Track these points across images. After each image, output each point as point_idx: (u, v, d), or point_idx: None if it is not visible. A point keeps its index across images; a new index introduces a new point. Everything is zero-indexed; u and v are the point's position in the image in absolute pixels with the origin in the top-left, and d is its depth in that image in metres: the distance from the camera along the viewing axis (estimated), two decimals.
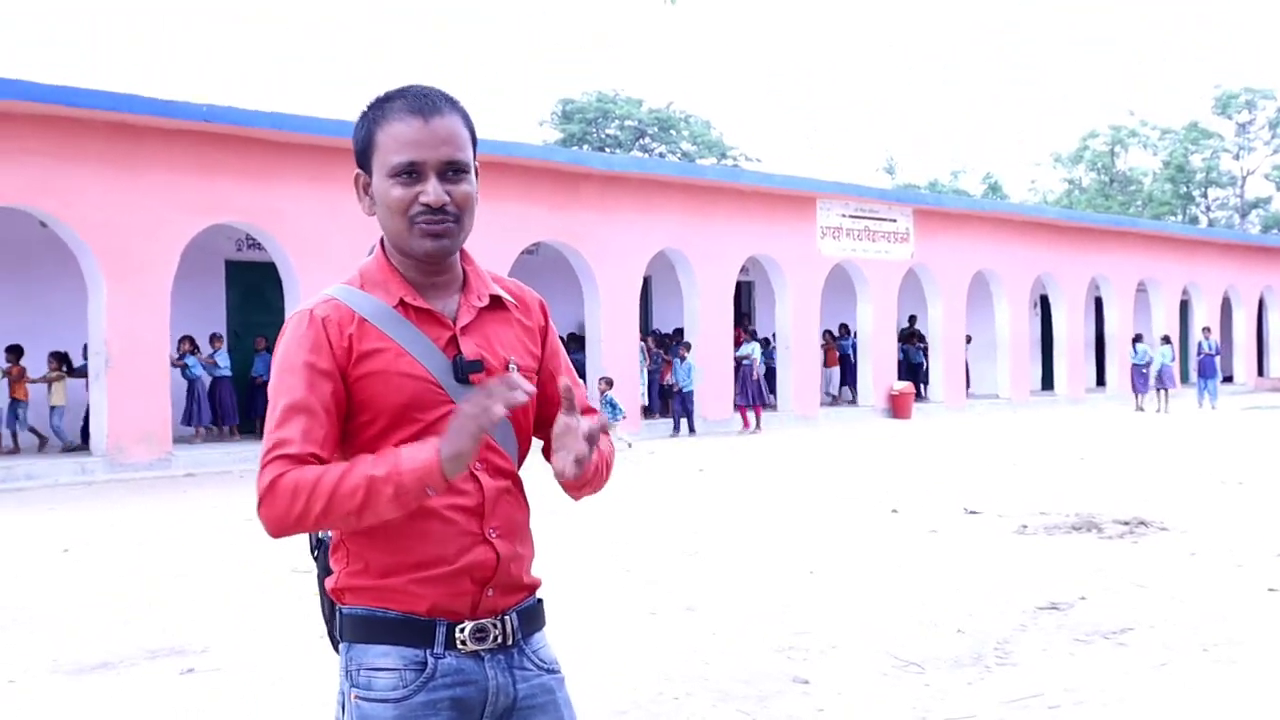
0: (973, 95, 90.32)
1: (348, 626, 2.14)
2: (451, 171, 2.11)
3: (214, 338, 18.29)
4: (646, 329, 23.11)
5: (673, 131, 54.96)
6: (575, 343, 21.44)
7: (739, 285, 23.91)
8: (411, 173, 2.10)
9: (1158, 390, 26.50)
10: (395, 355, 2.10)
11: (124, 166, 15.07)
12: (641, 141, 54.78)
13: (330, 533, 2.20)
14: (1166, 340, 27.51)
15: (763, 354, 22.49)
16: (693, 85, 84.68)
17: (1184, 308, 34.36)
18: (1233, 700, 5.14)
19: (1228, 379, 34.37)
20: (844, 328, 27.00)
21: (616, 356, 20.13)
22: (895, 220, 25.71)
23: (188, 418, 17.67)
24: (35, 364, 16.59)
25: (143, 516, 11.37)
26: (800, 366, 23.59)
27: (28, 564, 8.92)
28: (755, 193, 23.02)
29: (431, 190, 2.09)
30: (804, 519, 10.51)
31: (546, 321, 2.34)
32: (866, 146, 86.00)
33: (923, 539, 9.46)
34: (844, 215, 24.62)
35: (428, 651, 2.09)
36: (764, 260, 23.44)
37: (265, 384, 16.61)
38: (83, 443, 16.50)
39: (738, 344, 22.30)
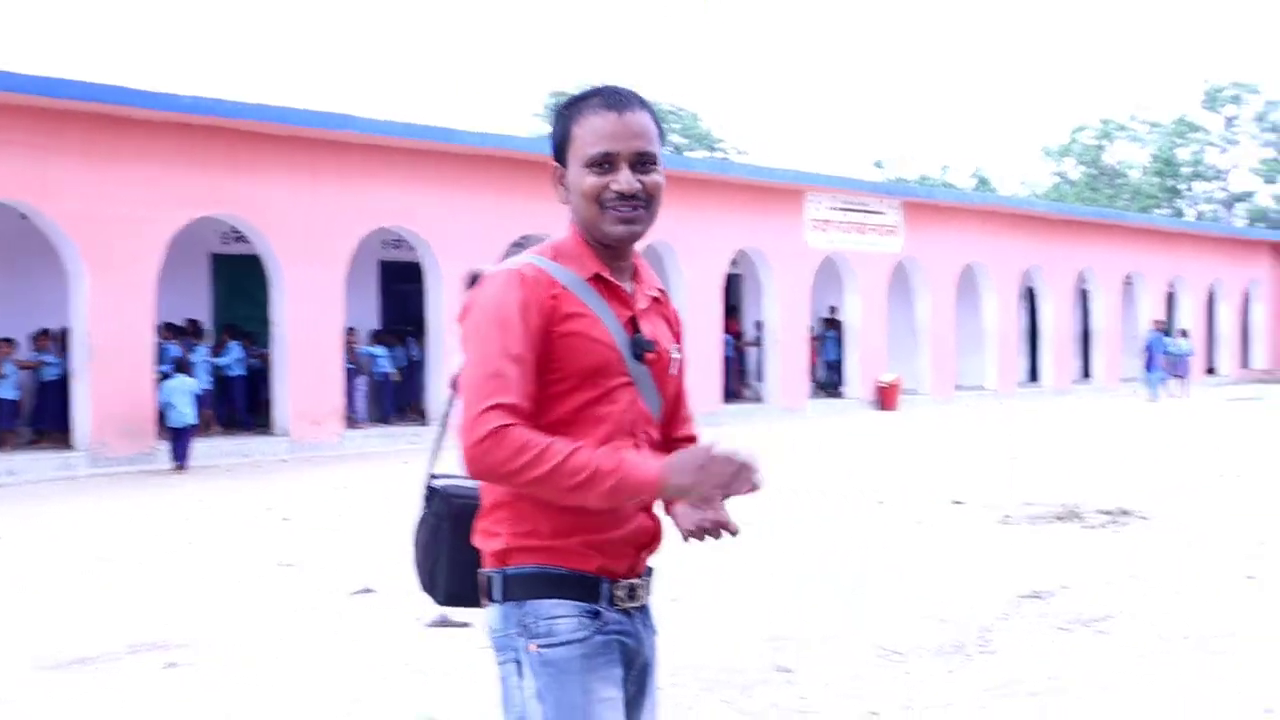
0: (962, 89, 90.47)
1: (517, 584, 2.24)
2: (642, 162, 2.30)
3: (225, 332, 18.13)
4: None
5: (661, 124, 54.88)
6: None
7: (728, 278, 23.87)
8: (606, 163, 2.28)
9: (1175, 378, 28.46)
10: (592, 322, 2.25)
11: (107, 158, 14.97)
12: None
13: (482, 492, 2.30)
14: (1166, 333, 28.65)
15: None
16: (681, 78, 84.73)
17: (1170, 300, 34.45)
18: (1214, 688, 5.15)
19: (1210, 370, 34.51)
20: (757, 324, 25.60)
21: None
22: (884, 213, 25.70)
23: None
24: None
25: (125, 511, 11.33)
26: (787, 359, 23.58)
27: (8, 560, 8.88)
28: (744, 185, 22.99)
29: (624, 179, 2.27)
30: (790, 511, 10.51)
31: (681, 327, 2.55)
32: (855, 140, 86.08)
33: (908, 530, 9.47)
34: (833, 208, 24.61)
35: (596, 605, 2.26)
36: (752, 253, 23.42)
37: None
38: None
39: None
